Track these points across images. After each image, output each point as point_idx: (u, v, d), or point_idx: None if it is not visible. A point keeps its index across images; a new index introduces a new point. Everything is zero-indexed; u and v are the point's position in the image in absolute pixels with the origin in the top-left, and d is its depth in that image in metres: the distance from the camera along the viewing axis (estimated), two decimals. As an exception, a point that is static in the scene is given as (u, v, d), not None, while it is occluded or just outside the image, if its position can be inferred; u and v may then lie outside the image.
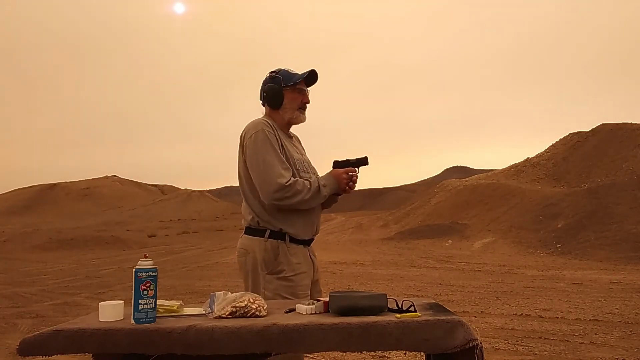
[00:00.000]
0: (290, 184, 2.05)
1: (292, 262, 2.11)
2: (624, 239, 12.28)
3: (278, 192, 2.04)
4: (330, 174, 2.20)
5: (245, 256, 2.15)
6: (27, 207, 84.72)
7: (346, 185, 2.19)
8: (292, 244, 2.13)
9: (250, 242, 2.14)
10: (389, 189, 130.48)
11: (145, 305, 1.55)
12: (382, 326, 1.49)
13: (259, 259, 2.10)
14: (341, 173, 2.19)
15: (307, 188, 2.10)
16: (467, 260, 12.03)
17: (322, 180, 2.15)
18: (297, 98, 2.22)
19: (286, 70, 2.22)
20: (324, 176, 2.21)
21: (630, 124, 23.41)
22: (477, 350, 1.47)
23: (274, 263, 2.09)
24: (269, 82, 2.21)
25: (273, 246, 2.10)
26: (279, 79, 2.20)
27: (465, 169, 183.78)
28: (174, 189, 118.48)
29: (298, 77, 2.20)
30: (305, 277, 2.16)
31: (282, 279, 2.09)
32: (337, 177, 2.19)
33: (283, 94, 2.19)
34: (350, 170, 2.21)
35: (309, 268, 2.20)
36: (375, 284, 8.12)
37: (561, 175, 22.02)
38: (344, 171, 2.20)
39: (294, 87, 2.20)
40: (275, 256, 2.09)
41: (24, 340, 1.50)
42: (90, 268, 12.50)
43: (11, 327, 5.47)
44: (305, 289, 2.14)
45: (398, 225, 24.23)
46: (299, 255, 2.14)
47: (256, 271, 2.11)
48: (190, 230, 35.27)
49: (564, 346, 4.05)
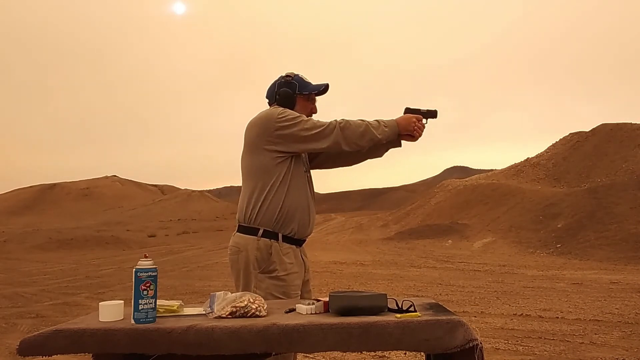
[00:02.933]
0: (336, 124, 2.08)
1: (284, 261, 2.11)
2: (624, 239, 12.29)
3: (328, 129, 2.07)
4: (399, 118, 2.20)
5: (237, 254, 2.14)
6: (27, 207, 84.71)
7: (414, 129, 2.19)
8: (284, 244, 2.13)
9: (243, 240, 2.14)
10: (389, 189, 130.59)
11: (145, 305, 1.55)
12: (382, 326, 1.49)
13: (251, 257, 2.10)
14: (411, 116, 2.19)
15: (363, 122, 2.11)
16: (467, 260, 12.03)
17: (382, 121, 2.15)
18: (308, 107, 2.25)
19: (300, 77, 2.24)
20: (389, 120, 2.19)
21: (630, 124, 23.44)
22: (477, 350, 1.47)
23: (267, 262, 2.09)
24: (284, 87, 2.22)
25: (266, 245, 2.10)
26: (295, 85, 2.21)
27: (465, 169, 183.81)
28: (174, 189, 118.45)
29: (312, 87, 2.23)
30: (296, 277, 2.16)
31: (274, 278, 2.09)
32: (406, 118, 2.19)
33: (295, 100, 2.22)
34: (420, 117, 2.21)
35: (300, 268, 2.21)
36: (375, 284, 8.12)
37: (561, 175, 22.04)
38: (413, 115, 2.20)
39: (308, 96, 2.24)
40: (268, 255, 2.09)
41: (24, 340, 1.50)
42: (90, 268, 12.50)
43: (11, 327, 5.46)
44: (296, 289, 2.15)
45: (398, 225, 24.24)
46: (291, 255, 2.15)
47: (248, 269, 2.11)
48: (190, 230, 35.27)
49: (564, 346, 4.05)
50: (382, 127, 2.13)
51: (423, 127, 2.21)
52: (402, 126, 2.17)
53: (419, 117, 2.20)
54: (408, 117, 2.19)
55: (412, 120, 2.18)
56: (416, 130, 2.19)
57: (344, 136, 2.07)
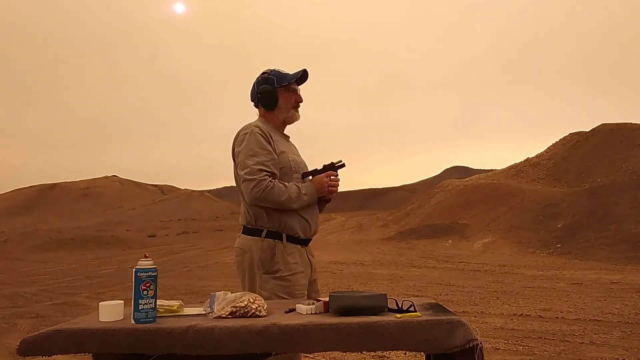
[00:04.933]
0: (266, 185, 2.04)
1: (288, 262, 2.11)
2: (624, 239, 12.29)
3: (253, 192, 2.04)
4: (315, 183, 2.20)
5: (242, 255, 2.14)
6: (27, 207, 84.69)
7: (328, 192, 2.20)
8: (289, 244, 2.13)
9: (247, 241, 2.14)
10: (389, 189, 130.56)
11: (145, 305, 1.55)
12: (382, 326, 1.49)
13: (255, 258, 2.10)
14: (322, 178, 2.19)
15: (286, 191, 2.09)
16: (467, 260, 12.03)
17: (303, 189, 2.14)
18: (291, 97, 2.24)
19: (277, 70, 2.23)
20: (305, 184, 2.19)
21: (630, 124, 23.43)
22: (477, 350, 1.47)
23: (271, 263, 2.09)
24: (262, 84, 2.22)
25: (270, 246, 2.10)
26: (272, 79, 2.20)
27: (465, 169, 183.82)
28: (174, 189, 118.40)
29: (290, 77, 2.22)
30: (302, 277, 2.16)
31: (278, 279, 2.08)
32: (319, 182, 2.19)
33: (277, 94, 2.21)
34: (330, 173, 2.22)
35: (306, 268, 2.20)
36: (375, 284, 8.12)
37: (561, 175, 22.03)
38: (324, 175, 2.20)
39: (288, 87, 2.22)
40: (272, 256, 2.09)
41: (24, 340, 1.50)
42: (90, 268, 12.50)
43: (11, 327, 5.47)
44: (302, 289, 2.14)
45: (398, 225, 24.23)
46: (295, 255, 2.14)
47: (253, 270, 2.11)
48: (190, 230, 35.28)
49: (564, 346, 4.05)
50: (302, 197, 2.12)
51: (338, 180, 2.23)
52: (319, 191, 2.18)
53: (330, 173, 2.21)
54: (320, 181, 2.18)
55: (324, 181, 2.18)
56: (330, 191, 2.21)
57: (262, 198, 2.05)
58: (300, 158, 2.32)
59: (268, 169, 2.08)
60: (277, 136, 2.22)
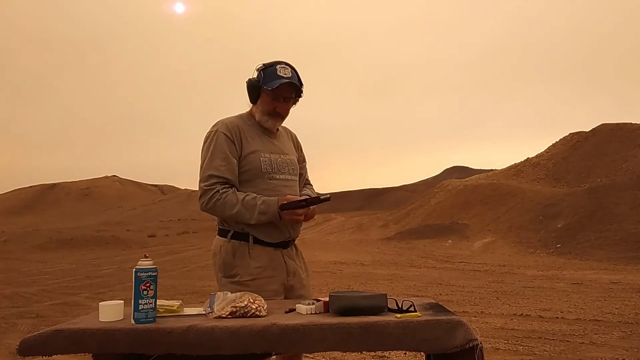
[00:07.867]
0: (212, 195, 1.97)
1: (249, 265, 1.99)
2: (624, 239, 12.29)
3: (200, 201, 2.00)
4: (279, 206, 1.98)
5: (213, 257, 2.08)
6: (27, 207, 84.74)
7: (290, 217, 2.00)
8: (256, 246, 2.01)
9: (217, 243, 2.07)
10: (389, 189, 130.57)
11: (145, 305, 1.55)
12: (382, 326, 1.49)
13: (219, 260, 2.03)
14: (286, 213, 1.98)
15: (237, 205, 1.95)
16: (467, 260, 12.03)
17: (260, 208, 1.96)
18: (270, 104, 2.07)
19: (275, 68, 2.03)
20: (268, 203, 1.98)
21: (630, 124, 23.45)
22: (477, 350, 1.47)
23: (231, 265, 2.00)
24: (255, 76, 2.08)
25: (234, 247, 2.01)
26: (261, 77, 2.05)
27: (465, 169, 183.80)
28: (174, 189, 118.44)
29: (272, 83, 2.02)
30: (269, 282, 2.00)
31: (235, 283, 1.97)
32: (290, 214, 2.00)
33: (260, 92, 2.07)
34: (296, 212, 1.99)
35: (279, 272, 2.04)
36: (375, 284, 8.11)
37: (561, 175, 22.04)
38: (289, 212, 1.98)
39: (272, 93, 2.04)
40: (233, 258, 2.00)
41: (24, 340, 1.50)
42: (90, 268, 12.49)
43: (11, 327, 5.46)
44: (270, 295, 1.93)
45: (398, 225, 24.23)
46: (262, 259, 2.01)
47: (217, 274, 2.06)
48: (190, 230, 35.25)
49: (564, 346, 4.04)
50: (259, 216, 1.95)
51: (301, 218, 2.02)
52: (281, 215, 1.98)
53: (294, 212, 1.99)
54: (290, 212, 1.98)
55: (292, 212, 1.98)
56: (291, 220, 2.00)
57: (210, 209, 1.99)
58: (287, 156, 2.16)
59: (220, 174, 1.98)
60: (254, 133, 2.09)
